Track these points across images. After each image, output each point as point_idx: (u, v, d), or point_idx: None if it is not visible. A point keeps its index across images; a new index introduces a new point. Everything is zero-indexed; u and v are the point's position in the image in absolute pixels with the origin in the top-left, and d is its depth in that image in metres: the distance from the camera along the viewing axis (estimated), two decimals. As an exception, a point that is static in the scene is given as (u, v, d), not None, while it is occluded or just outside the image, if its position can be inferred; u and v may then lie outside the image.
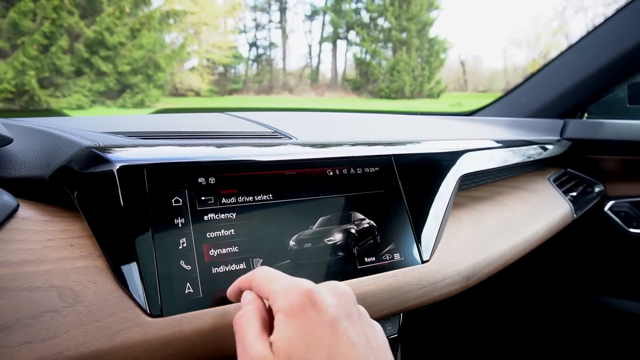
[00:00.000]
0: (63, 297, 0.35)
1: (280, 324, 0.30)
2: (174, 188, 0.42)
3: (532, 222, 0.78)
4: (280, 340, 0.30)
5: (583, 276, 1.13)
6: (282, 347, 0.29)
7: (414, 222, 0.56)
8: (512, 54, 21.87)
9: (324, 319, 0.30)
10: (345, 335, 0.30)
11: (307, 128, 0.71)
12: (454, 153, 0.69)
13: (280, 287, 0.32)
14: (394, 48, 15.80)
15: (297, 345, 0.29)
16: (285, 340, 0.30)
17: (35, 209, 0.41)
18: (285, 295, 0.32)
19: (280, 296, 0.32)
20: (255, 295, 0.35)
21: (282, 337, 0.30)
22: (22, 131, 0.51)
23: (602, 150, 1.06)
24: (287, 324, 0.30)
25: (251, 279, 0.36)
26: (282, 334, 0.30)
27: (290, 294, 0.31)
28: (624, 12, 1.01)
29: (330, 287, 0.33)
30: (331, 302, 0.32)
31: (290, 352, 0.29)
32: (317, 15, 17.88)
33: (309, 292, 0.31)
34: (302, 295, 0.31)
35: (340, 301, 0.32)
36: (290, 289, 0.32)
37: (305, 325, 0.30)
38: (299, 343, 0.29)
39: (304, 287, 0.32)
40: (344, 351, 0.29)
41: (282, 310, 0.31)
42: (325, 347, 0.29)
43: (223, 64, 15.43)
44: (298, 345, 0.29)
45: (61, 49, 9.67)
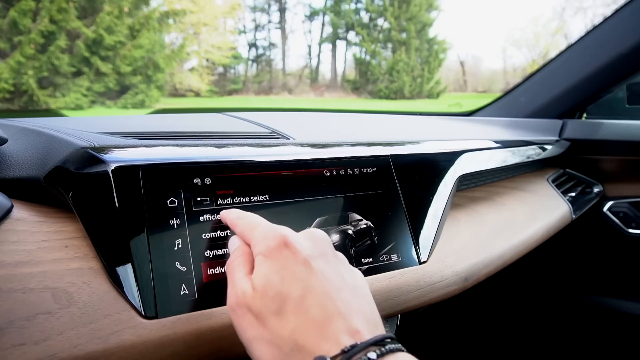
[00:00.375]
0: (57, 299, 0.35)
1: (259, 265, 0.34)
2: (169, 189, 0.42)
3: (531, 223, 0.77)
4: (258, 278, 0.33)
5: (582, 276, 1.13)
6: (259, 283, 0.33)
7: (411, 223, 0.56)
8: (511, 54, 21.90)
9: (298, 258, 0.33)
10: (319, 272, 0.33)
11: (304, 128, 0.71)
12: (452, 153, 0.68)
13: (259, 233, 0.36)
14: (393, 48, 15.81)
15: (273, 281, 0.32)
16: (262, 277, 0.33)
17: (29, 209, 0.41)
18: (263, 240, 0.35)
19: (259, 241, 0.35)
20: (241, 241, 0.38)
21: (260, 274, 0.33)
22: (18, 131, 0.51)
23: (601, 151, 1.06)
24: (265, 263, 0.34)
25: (234, 225, 0.39)
26: (260, 272, 0.33)
27: (268, 238, 0.35)
28: (622, 12, 1.01)
29: (306, 232, 0.37)
30: (305, 244, 0.35)
31: (267, 286, 0.32)
32: (317, 15, 17.89)
33: (284, 236, 0.35)
34: (277, 238, 0.35)
35: (315, 243, 0.35)
36: (268, 234, 0.35)
37: (281, 263, 0.33)
38: (275, 278, 0.32)
39: (280, 232, 0.35)
40: (317, 284, 0.32)
41: (261, 253, 0.34)
42: (299, 281, 0.32)
43: (222, 65, 15.44)
44: (274, 280, 0.32)
45: (59, 49, 9.67)
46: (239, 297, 0.33)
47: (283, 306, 0.31)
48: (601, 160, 1.07)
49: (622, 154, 1.04)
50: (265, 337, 0.31)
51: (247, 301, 0.32)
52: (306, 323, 0.30)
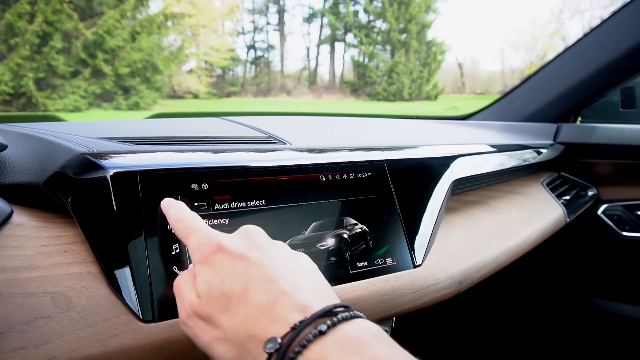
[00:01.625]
0: (56, 303, 0.35)
1: (199, 273, 0.34)
2: (167, 194, 0.43)
3: (525, 226, 0.78)
4: (200, 284, 0.33)
5: (576, 279, 1.14)
6: (202, 289, 0.33)
7: (406, 227, 0.57)
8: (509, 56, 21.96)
9: (235, 256, 0.34)
10: (258, 262, 0.33)
11: (301, 133, 0.72)
12: (447, 158, 0.69)
13: (194, 242, 0.36)
14: (392, 50, 15.84)
15: (214, 284, 0.33)
16: (204, 282, 0.33)
17: (29, 215, 0.42)
18: (198, 248, 0.35)
19: (195, 250, 0.35)
20: None
21: (201, 281, 0.33)
22: (17, 137, 0.52)
23: (595, 154, 1.07)
24: (204, 270, 0.34)
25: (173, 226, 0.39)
26: (201, 278, 0.34)
27: (202, 246, 0.35)
28: (616, 17, 1.02)
29: (239, 232, 0.37)
30: (239, 243, 0.35)
31: (210, 290, 0.32)
32: (315, 17, 17.92)
33: (218, 242, 0.35)
34: (212, 245, 0.35)
35: (249, 239, 0.35)
36: (203, 242, 0.35)
37: (218, 266, 0.33)
38: (215, 281, 0.33)
39: (214, 239, 0.35)
40: (258, 274, 0.32)
41: (198, 262, 0.35)
42: (239, 276, 0.32)
43: (221, 67, 15.45)
44: (215, 283, 0.33)
45: (55, 49, 9.66)
46: (187, 309, 0.33)
47: (228, 303, 0.31)
48: (595, 163, 1.08)
49: (616, 157, 1.05)
50: (219, 337, 0.31)
51: (195, 309, 0.33)
52: (252, 311, 0.30)
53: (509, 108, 1.20)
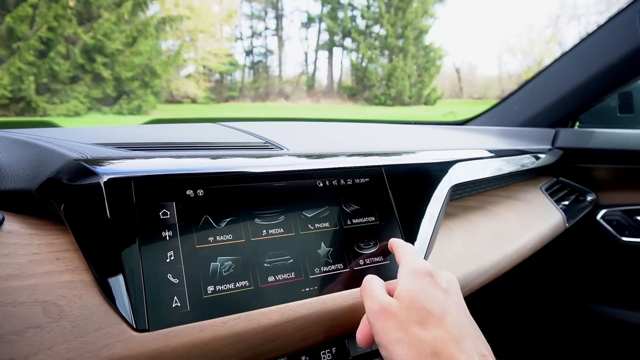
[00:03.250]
0: (47, 312, 0.35)
1: (405, 280, 0.40)
2: (161, 200, 0.42)
3: (524, 232, 0.78)
4: (405, 291, 0.39)
5: (576, 285, 1.13)
6: (406, 296, 0.39)
7: (404, 233, 0.56)
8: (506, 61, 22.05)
9: (439, 286, 0.40)
10: (455, 300, 0.40)
11: (298, 138, 0.71)
12: (445, 163, 0.69)
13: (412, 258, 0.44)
14: (390, 55, 15.90)
15: (419, 296, 0.39)
16: (409, 291, 0.39)
17: (21, 222, 0.41)
18: (413, 263, 0.42)
19: (409, 262, 0.43)
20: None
21: (406, 288, 0.40)
22: (10, 143, 0.51)
23: (593, 159, 1.07)
24: (411, 281, 0.40)
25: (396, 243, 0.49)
26: (407, 286, 0.40)
27: (417, 263, 0.42)
28: (613, 22, 1.02)
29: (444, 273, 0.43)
30: (444, 279, 0.42)
31: (413, 300, 0.38)
32: (313, 22, 17.99)
33: (429, 267, 0.42)
34: (425, 267, 0.42)
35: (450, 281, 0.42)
36: (418, 261, 0.43)
37: (426, 285, 0.40)
38: (420, 295, 0.39)
39: (428, 265, 0.42)
40: (454, 309, 0.39)
41: (409, 273, 0.41)
42: (440, 303, 0.38)
43: (219, 71, 15.47)
44: (420, 296, 0.39)
45: (60, 55, 9.67)
46: (383, 305, 0.39)
47: (426, 318, 0.37)
48: (594, 168, 1.08)
49: (615, 162, 1.05)
50: (407, 340, 0.36)
51: (393, 309, 0.38)
52: (445, 335, 0.36)
53: (506, 113, 1.20)
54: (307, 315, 0.45)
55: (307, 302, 0.45)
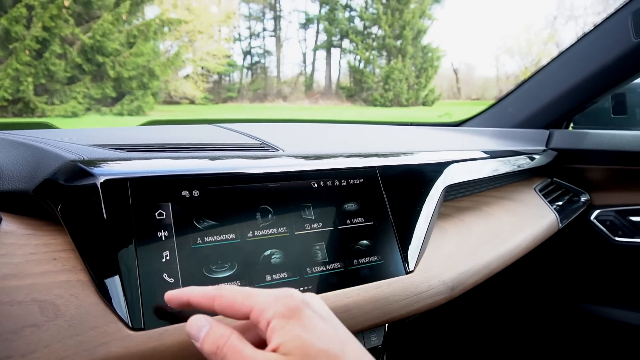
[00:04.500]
0: (44, 312, 0.35)
1: (281, 327, 0.31)
2: (157, 201, 0.43)
3: (518, 232, 0.78)
4: (290, 341, 0.30)
5: (570, 285, 1.14)
6: (294, 346, 0.30)
7: (398, 233, 0.57)
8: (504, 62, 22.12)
9: (321, 315, 0.33)
10: (341, 328, 0.34)
11: (294, 139, 0.72)
12: (439, 164, 0.69)
13: (267, 296, 0.33)
14: (388, 56, 15.93)
15: (309, 340, 0.30)
16: (295, 339, 0.30)
17: (18, 222, 0.41)
18: (278, 300, 0.32)
19: (271, 303, 0.32)
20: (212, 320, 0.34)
21: (290, 337, 0.30)
22: (7, 144, 0.52)
23: (587, 160, 1.08)
24: (289, 324, 0.31)
25: (215, 296, 0.34)
26: (289, 334, 0.31)
27: (284, 298, 0.33)
28: (607, 23, 1.03)
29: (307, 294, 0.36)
30: (316, 303, 0.34)
31: (305, 348, 0.30)
32: (311, 23, 18.01)
33: (300, 295, 0.33)
34: (296, 298, 0.33)
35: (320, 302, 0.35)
36: (280, 295, 0.33)
37: (309, 322, 0.31)
38: (310, 338, 0.30)
39: (293, 292, 0.34)
40: (347, 339, 0.32)
41: (280, 315, 0.32)
42: (332, 337, 0.31)
43: (218, 72, 15.47)
44: (311, 340, 0.30)
45: (55, 54, 9.65)
46: None
47: None
48: (588, 169, 1.09)
49: (608, 163, 1.06)
50: None
51: None
52: None
53: (501, 114, 1.20)
54: (301, 314, 0.46)
55: (301, 301, 0.46)
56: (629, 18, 0.96)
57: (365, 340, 0.54)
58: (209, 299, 0.34)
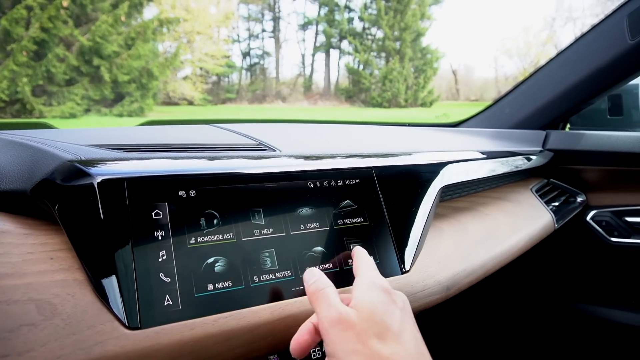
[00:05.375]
0: (41, 310, 0.35)
1: (364, 292, 0.39)
2: (154, 201, 0.43)
3: (514, 233, 0.79)
4: (364, 302, 0.38)
5: (566, 285, 1.15)
6: (366, 307, 0.37)
7: (394, 233, 0.57)
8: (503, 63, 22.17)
9: (396, 304, 0.39)
10: (410, 319, 0.40)
11: (292, 140, 0.72)
12: (436, 164, 0.70)
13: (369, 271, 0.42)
14: (386, 57, 15.94)
15: (378, 309, 0.37)
16: (368, 302, 0.38)
17: (15, 222, 0.42)
18: (372, 276, 0.41)
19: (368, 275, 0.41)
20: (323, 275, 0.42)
21: (365, 299, 0.38)
22: (5, 144, 0.52)
23: (583, 161, 1.08)
24: (370, 291, 0.39)
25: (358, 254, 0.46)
26: (366, 297, 0.38)
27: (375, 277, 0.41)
28: (602, 25, 1.03)
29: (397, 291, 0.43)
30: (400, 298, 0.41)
31: (373, 311, 0.37)
32: (310, 24, 18.02)
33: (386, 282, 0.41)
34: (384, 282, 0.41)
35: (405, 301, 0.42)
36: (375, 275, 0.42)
37: (384, 300, 0.39)
38: (380, 307, 0.37)
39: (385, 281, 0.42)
40: (409, 327, 0.38)
41: (368, 283, 0.40)
42: (397, 319, 0.38)
43: (216, 73, 15.47)
44: (379, 309, 0.37)
45: (57, 57, 9.65)
46: (341, 314, 0.37)
47: (385, 333, 0.36)
48: (584, 170, 1.09)
49: (604, 164, 1.06)
50: (364, 353, 0.35)
51: (352, 319, 0.36)
52: (403, 352, 0.36)
53: (498, 115, 1.21)
54: (297, 314, 0.46)
55: (297, 301, 0.46)
56: (624, 20, 0.97)
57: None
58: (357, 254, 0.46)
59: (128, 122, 9.84)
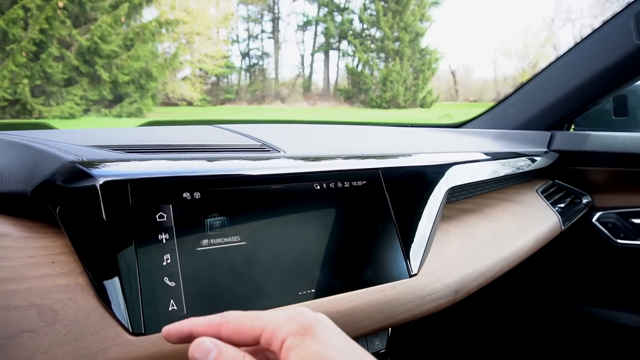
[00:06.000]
0: (42, 316, 0.34)
1: (297, 345, 0.30)
2: (158, 203, 0.42)
3: (521, 234, 0.78)
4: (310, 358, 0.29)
5: (572, 287, 1.14)
6: None
7: (401, 236, 0.56)
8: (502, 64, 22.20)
9: (333, 331, 0.32)
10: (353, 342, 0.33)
11: (295, 141, 0.71)
12: (442, 166, 0.69)
13: (277, 317, 0.32)
14: (386, 58, 15.95)
15: (328, 355, 0.29)
16: (315, 355, 0.29)
17: (16, 224, 0.41)
18: (290, 319, 0.31)
19: (283, 322, 0.31)
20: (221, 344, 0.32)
21: (308, 354, 0.29)
22: (5, 145, 0.51)
23: (589, 162, 1.08)
24: (306, 341, 0.30)
25: (221, 323, 0.32)
26: (307, 351, 0.30)
27: (295, 316, 0.32)
28: (607, 25, 1.03)
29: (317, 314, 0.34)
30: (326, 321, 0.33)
31: None
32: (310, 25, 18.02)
33: (312, 313, 0.33)
34: (308, 315, 0.32)
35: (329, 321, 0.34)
36: (292, 314, 0.32)
37: (326, 338, 0.30)
38: (329, 352, 0.30)
39: (305, 310, 0.33)
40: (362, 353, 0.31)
41: (294, 333, 0.30)
42: (349, 352, 0.31)
43: (216, 74, 15.46)
44: (330, 355, 0.29)
45: (52, 57, 9.63)
46: None
47: None
48: (589, 171, 1.08)
49: (610, 165, 1.06)
50: None
51: None
52: None
53: (502, 116, 1.20)
54: (305, 319, 0.45)
55: (306, 305, 0.45)
56: (631, 20, 0.96)
57: (369, 344, 0.54)
58: (213, 327, 0.32)
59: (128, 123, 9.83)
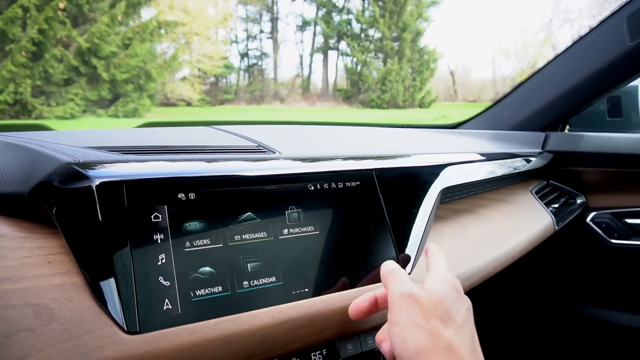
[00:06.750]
0: (38, 315, 0.35)
1: (437, 281, 0.42)
2: (153, 204, 0.43)
3: (514, 234, 0.79)
4: (436, 290, 0.41)
5: (566, 287, 1.15)
6: (436, 293, 0.40)
7: (394, 236, 0.57)
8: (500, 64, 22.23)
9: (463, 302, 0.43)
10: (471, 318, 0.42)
11: (291, 142, 0.72)
12: (436, 166, 0.69)
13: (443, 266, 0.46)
14: (384, 58, 15.96)
15: (447, 297, 0.41)
16: (439, 289, 0.41)
17: (12, 225, 0.41)
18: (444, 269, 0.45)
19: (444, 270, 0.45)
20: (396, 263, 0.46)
21: (437, 284, 0.42)
22: (2, 146, 0.51)
23: (583, 163, 1.08)
24: (442, 284, 0.42)
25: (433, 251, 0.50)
26: (438, 283, 0.42)
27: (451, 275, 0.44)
28: (602, 27, 1.03)
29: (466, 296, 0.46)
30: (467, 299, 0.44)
31: (442, 298, 0.40)
32: (308, 25, 18.02)
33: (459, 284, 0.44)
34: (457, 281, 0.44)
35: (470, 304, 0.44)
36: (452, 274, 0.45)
37: (455, 295, 0.42)
38: (448, 298, 0.40)
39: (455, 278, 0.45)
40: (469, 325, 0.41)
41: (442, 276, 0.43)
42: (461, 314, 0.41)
43: (214, 74, 15.45)
44: (448, 298, 0.41)
45: (54, 57, 9.62)
46: (412, 291, 0.40)
47: (448, 319, 0.39)
48: (583, 171, 1.09)
49: (604, 165, 1.06)
50: (426, 328, 0.38)
51: (421, 299, 0.39)
52: (461, 340, 0.38)
53: (498, 117, 1.21)
54: (298, 317, 0.45)
55: (298, 305, 0.46)
56: (624, 21, 0.97)
57: (362, 342, 0.54)
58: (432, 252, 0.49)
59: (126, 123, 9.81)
